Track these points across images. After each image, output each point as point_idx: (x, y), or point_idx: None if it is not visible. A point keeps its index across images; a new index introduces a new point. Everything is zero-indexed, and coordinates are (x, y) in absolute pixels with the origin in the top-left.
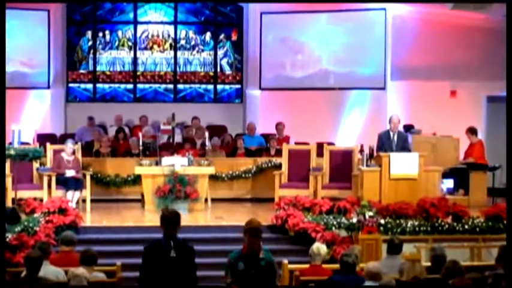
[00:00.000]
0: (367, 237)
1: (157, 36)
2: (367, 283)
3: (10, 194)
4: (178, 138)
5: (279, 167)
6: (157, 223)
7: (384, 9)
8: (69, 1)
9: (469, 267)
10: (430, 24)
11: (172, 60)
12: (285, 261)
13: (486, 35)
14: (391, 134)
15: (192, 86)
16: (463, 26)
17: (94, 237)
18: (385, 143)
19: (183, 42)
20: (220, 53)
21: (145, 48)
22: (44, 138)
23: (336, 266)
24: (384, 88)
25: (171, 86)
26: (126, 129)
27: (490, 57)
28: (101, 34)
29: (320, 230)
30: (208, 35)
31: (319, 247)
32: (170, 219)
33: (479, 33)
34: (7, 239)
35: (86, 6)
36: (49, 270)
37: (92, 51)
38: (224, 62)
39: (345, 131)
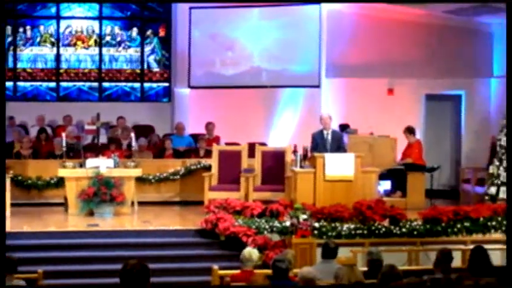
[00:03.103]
0: (300, 241)
1: (82, 32)
2: None
3: None
4: (103, 138)
5: (208, 168)
6: (82, 227)
7: (319, 3)
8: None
9: (407, 271)
10: (368, 20)
11: (97, 57)
12: (215, 266)
13: (426, 31)
14: (325, 133)
15: (118, 84)
16: (402, 22)
17: (14, 243)
18: (319, 143)
19: (108, 38)
20: (147, 49)
21: (69, 45)
22: None
23: (268, 271)
24: (318, 86)
25: (96, 84)
26: (49, 130)
27: (430, 54)
28: (21, 29)
29: (251, 234)
30: (134, 30)
31: (251, 252)
32: (133, 276)
33: (419, 29)
34: None
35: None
36: None
37: (12, 48)
38: (151, 59)
39: (278, 131)
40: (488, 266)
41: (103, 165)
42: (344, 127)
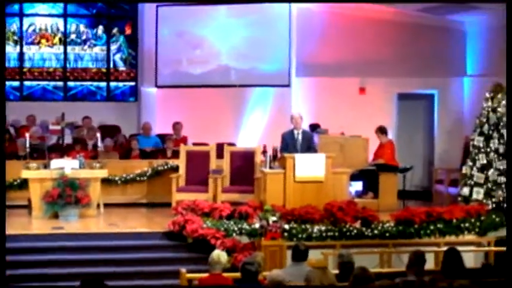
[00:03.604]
0: (270, 243)
1: (46, 30)
2: None
3: None
4: (68, 139)
5: (176, 169)
6: (46, 230)
7: (288, 1)
8: None
9: (379, 274)
10: (339, 18)
11: (62, 56)
12: (183, 270)
13: (398, 29)
14: (296, 133)
15: (83, 83)
16: (374, 20)
17: None
18: (289, 143)
19: (73, 36)
20: (113, 48)
21: (33, 43)
22: None
23: (237, 274)
24: (288, 85)
25: (60, 84)
26: (12, 130)
27: (402, 52)
28: None
29: (220, 237)
30: (100, 28)
31: (219, 254)
32: None
33: (391, 27)
34: None
35: None
36: None
37: None
38: (117, 57)
39: (247, 131)
40: (462, 268)
41: (68, 166)
42: (314, 127)
